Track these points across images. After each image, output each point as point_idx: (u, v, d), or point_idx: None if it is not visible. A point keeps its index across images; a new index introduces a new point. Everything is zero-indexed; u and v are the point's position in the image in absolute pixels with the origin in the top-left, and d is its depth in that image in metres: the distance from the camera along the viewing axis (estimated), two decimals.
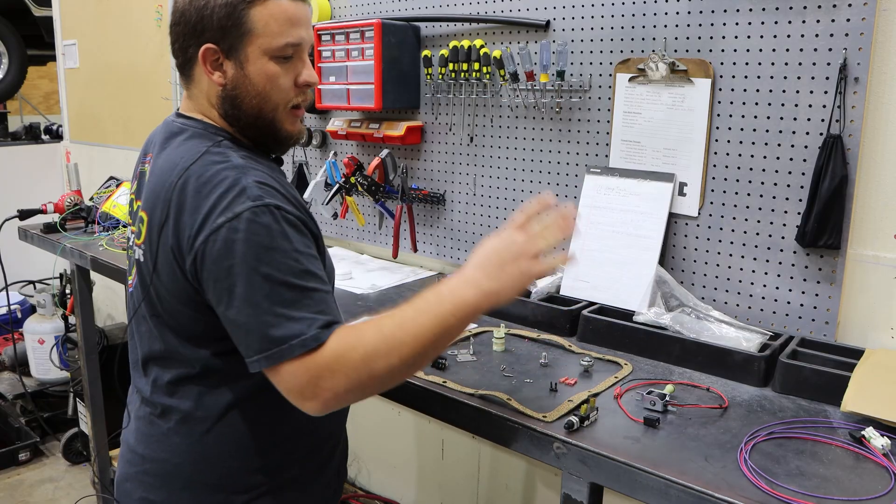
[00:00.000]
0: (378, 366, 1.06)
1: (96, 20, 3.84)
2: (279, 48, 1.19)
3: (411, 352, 1.07)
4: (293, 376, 1.06)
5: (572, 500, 1.20)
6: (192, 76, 1.25)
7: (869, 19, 1.43)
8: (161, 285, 1.19)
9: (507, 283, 1.11)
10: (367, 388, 1.08)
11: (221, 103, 1.23)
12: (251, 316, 1.07)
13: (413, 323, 1.08)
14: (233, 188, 1.10)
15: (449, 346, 1.13)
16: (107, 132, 3.94)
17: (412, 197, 2.28)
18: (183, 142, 1.21)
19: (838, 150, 1.47)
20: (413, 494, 2.73)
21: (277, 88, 1.22)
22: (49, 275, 3.85)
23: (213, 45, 1.18)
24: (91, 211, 2.82)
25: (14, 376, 3.94)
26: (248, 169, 1.14)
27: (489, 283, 1.11)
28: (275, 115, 1.24)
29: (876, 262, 1.49)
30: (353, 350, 1.06)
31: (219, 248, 1.08)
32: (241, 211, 1.08)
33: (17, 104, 7.03)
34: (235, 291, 1.07)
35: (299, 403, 1.08)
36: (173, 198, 1.14)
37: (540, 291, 1.82)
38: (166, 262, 1.16)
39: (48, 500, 3.25)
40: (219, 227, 1.08)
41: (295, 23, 1.20)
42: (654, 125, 1.76)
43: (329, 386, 1.05)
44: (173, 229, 1.14)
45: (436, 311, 1.09)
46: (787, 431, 1.22)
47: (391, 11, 2.32)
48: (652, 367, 1.51)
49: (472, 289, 1.11)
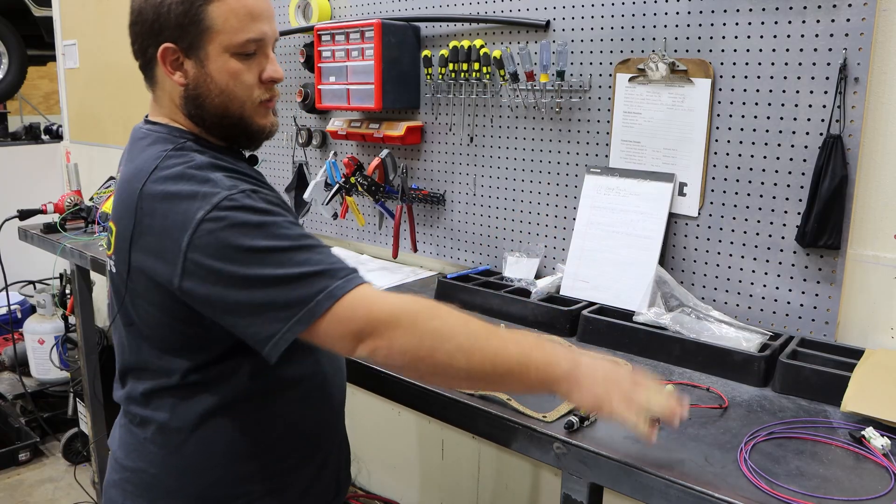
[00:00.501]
0: (444, 348, 1.02)
1: (96, 20, 3.84)
2: (240, 44, 1.15)
3: (479, 364, 1.03)
4: (350, 318, 1.01)
5: (572, 500, 1.20)
6: (154, 78, 1.21)
7: (869, 19, 1.43)
8: (136, 296, 1.16)
9: (594, 389, 1.04)
10: (419, 361, 1.03)
11: (185, 104, 1.19)
12: (270, 292, 1.02)
13: (501, 342, 1.04)
14: (202, 184, 1.07)
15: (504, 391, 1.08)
16: (107, 132, 3.94)
17: (412, 197, 2.28)
18: (145, 147, 1.18)
19: (838, 150, 1.47)
20: (413, 494, 2.73)
21: (241, 85, 1.18)
22: (49, 275, 3.86)
23: (171, 44, 1.14)
24: (91, 211, 2.83)
25: (14, 376, 3.94)
26: (213, 167, 1.12)
27: (586, 376, 1.04)
28: (242, 112, 1.20)
29: (876, 262, 1.49)
30: (430, 317, 1.03)
31: (208, 242, 1.04)
32: (218, 200, 1.05)
33: (17, 104, 7.03)
34: (243, 278, 1.03)
35: (351, 347, 1.03)
36: (141, 205, 1.10)
37: (540, 291, 1.82)
38: (140, 272, 1.13)
39: (48, 500, 3.25)
40: (200, 221, 1.04)
41: (256, 17, 1.16)
42: (654, 125, 1.76)
43: (389, 334, 1.02)
44: (146, 238, 1.10)
45: (528, 351, 1.05)
46: (787, 431, 1.22)
47: (391, 11, 2.32)
48: (652, 367, 1.51)
49: (568, 365, 1.05)
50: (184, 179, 1.09)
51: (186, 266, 1.05)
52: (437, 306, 1.07)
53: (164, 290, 1.10)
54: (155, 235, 1.09)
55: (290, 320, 1.03)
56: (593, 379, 1.05)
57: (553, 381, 1.05)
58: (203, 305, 1.08)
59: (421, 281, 2.19)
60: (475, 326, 1.05)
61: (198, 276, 1.05)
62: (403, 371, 1.09)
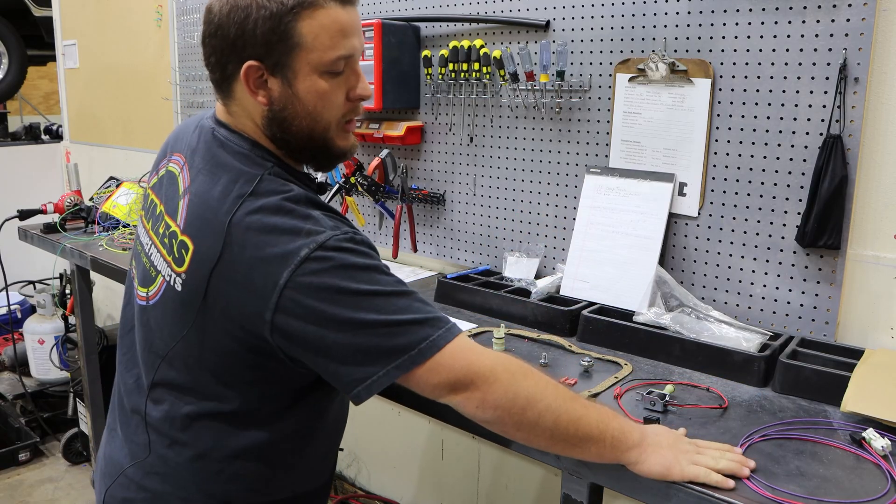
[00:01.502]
0: (535, 408, 1.04)
1: (96, 20, 3.84)
2: (330, 62, 1.09)
3: (564, 426, 1.05)
4: (449, 368, 1.03)
5: (572, 500, 1.20)
6: (232, 94, 1.13)
7: (869, 19, 1.43)
8: (211, 323, 1.09)
9: (661, 459, 1.07)
10: (508, 417, 1.05)
11: (268, 125, 1.12)
12: (370, 336, 1.02)
13: (584, 409, 1.07)
14: (305, 220, 1.04)
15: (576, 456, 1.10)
16: (107, 132, 3.94)
17: (412, 197, 2.28)
18: (228, 161, 1.12)
19: (838, 150, 1.47)
20: (413, 494, 2.73)
21: (329, 106, 1.12)
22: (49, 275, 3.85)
23: (256, 61, 1.07)
24: (91, 211, 2.82)
25: (14, 376, 3.94)
26: (310, 201, 1.08)
27: (652, 446, 1.08)
28: (326, 134, 1.14)
29: (876, 262, 1.49)
30: (524, 377, 1.05)
31: (311, 282, 1.01)
32: (325, 240, 1.02)
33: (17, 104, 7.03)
34: (343, 320, 1.01)
35: (446, 395, 1.05)
36: (231, 231, 1.04)
37: (540, 291, 1.82)
38: (218, 300, 1.07)
39: (48, 500, 3.25)
40: (303, 259, 1.01)
41: (347, 33, 1.10)
42: (654, 125, 1.75)
43: (485, 388, 1.03)
44: (234, 268, 1.05)
45: (606, 420, 1.07)
46: (786, 432, 1.22)
47: (391, 11, 2.32)
48: (652, 367, 1.51)
49: (639, 436, 1.08)
50: (282, 212, 1.05)
51: (282, 302, 1.02)
52: (530, 367, 1.09)
53: (242, 322, 1.06)
54: (245, 266, 1.04)
55: (389, 365, 1.02)
56: (660, 446, 1.08)
57: (625, 450, 1.07)
58: (294, 343, 1.05)
59: (421, 281, 2.19)
60: (563, 391, 1.08)
61: (294, 313, 1.02)
62: (490, 424, 1.08)
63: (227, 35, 1.07)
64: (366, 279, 1.03)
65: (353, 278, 1.02)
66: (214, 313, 1.09)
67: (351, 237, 1.06)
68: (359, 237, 1.08)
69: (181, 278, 1.11)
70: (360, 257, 1.05)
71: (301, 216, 1.05)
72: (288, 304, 1.01)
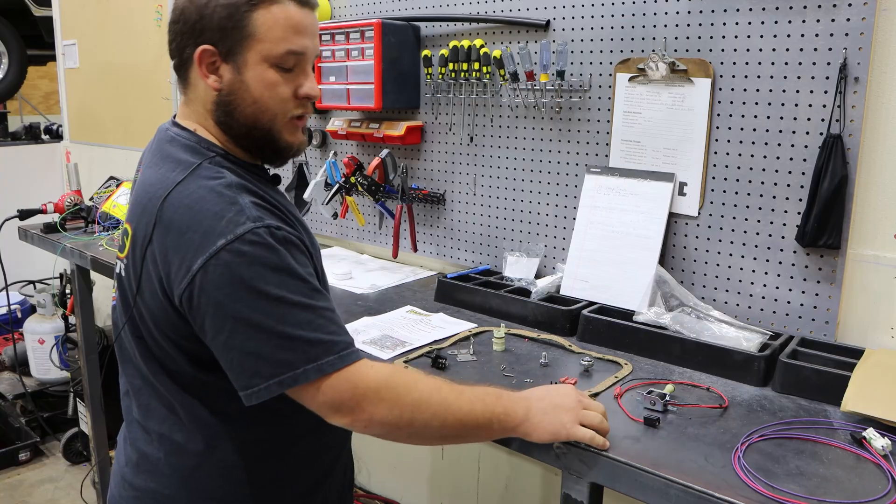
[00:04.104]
0: (421, 417, 1.08)
1: (96, 20, 3.84)
2: (280, 56, 1.13)
3: (451, 425, 1.10)
4: (334, 390, 1.04)
5: (572, 500, 1.20)
6: (188, 79, 1.18)
7: (869, 19, 1.43)
8: (144, 307, 1.13)
9: (547, 426, 1.14)
10: (398, 430, 1.08)
11: (215, 109, 1.16)
12: (262, 342, 1.03)
13: (469, 403, 1.11)
14: (229, 208, 1.05)
15: (469, 443, 1.19)
16: (107, 132, 3.94)
17: (412, 197, 2.28)
18: (172, 154, 1.16)
19: (838, 150, 1.47)
20: (413, 494, 2.73)
21: (275, 98, 1.15)
22: (49, 275, 3.86)
23: (210, 46, 1.12)
24: (91, 211, 2.82)
25: (14, 376, 3.95)
26: (242, 188, 1.09)
27: (537, 413, 1.15)
28: (272, 126, 1.17)
29: (876, 262, 1.49)
30: (408, 393, 1.07)
31: (221, 273, 1.02)
32: (242, 233, 1.03)
33: (17, 104, 7.03)
34: (242, 317, 1.02)
35: (331, 416, 1.06)
36: (160, 214, 1.08)
37: (540, 291, 1.82)
38: (149, 283, 1.10)
39: (48, 500, 3.25)
40: (219, 249, 1.02)
41: (300, 31, 1.14)
42: (654, 125, 1.76)
43: (370, 409, 1.05)
44: (160, 250, 1.08)
45: (491, 407, 1.12)
46: (786, 431, 1.22)
47: (391, 11, 2.32)
48: (652, 366, 1.51)
49: (522, 410, 1.15)
50: (209, 198, 1.06)
51: (191, 288, 1.04)
52: (416, 377, 1.12)
53: (170, 306, 1.09)
54: (167, 248, 1.07)
55: (272, 379, 1.03)
56: (545, 413, 1.15)
57: (513, 428, 1.15)
58: (200, 330, 1.07)
59: (421, 281, 2.19)
60: (447, 392, 1.11)
61: (200, 301, 1.04)
62: (380, 437, 1.12)
63: (189, 19, 1.13)
64: (275, 282, 1.03)
65: (262, 278, 1.03)
66: (147, 298, 1.12)
67: (272, 232, 1.06)
68: (280, 233, 1.07)
69: (123, 263, 1.18)
70: (275, 255, 1.05)
71: (227, 201, 1.06)
72: (196, 290, 1.04)
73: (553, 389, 1.20)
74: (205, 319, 1.05)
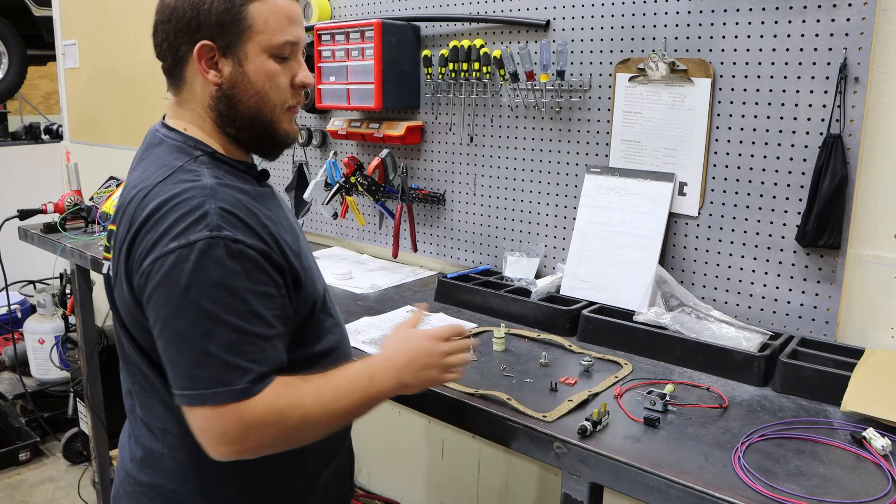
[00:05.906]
0: (309, 432, 1.10)
1: (96, 20, 3.84)
2: (279, 46, 1.15)
3: (336, 422, 1.14)
4: (219, 420, 1.02)
5: (572, 500, 1.20)
6: (183, 78, 1.18)
7: (869, 19, 1.43)
8: (122, 303, 1.15)
9: (419, 384, 1.22)
10: (288, 445, 1.10)
11: (216, 104, 1.17)
12: (183, 351, 1.03)
13: (347, 399, 1.13)
14: (193, 212, 1.04)
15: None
16: (107, 132, 3.94)
17: (412, 197, 2.28)
18: (159, 155, 1.16)
19: (838, 150, 1.47)
20: (413, 494, 2.73)
21: (276, 87, 1.17)
22: (49, 275, 3.86)
23: (209, 41, 1.13)
24: (91, 211, 2.83)
25: (14, 376, 3.95)
26: (216, 191, 1.08)
27: (408, 378, 1.20)
28: (272, 115, 1.19)
29: (876, 262, 1.49)
30: (293, 412, 1.06)
31: (164, 274, 1.03)
32: (196, 240, 1.02)
33: (17, 104, 7.04)
34: (171, 322, 1.03)
35: (212, 446, 1.04)
36: (135, 213, 1.09)
37: (540, 291, 1.82)
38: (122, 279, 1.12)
39: (48, 500, 3.25)
40: (169, 251, 1.03)
41: (293, 21, 1.18)
42: (654, 125, 1.76)
43: (257, 438, 1.04)
44: (128, 246, 1.09)
45: (366, 391, 1.15)
46: (786, 431, 1.22)
47: (391, 11, 2.32)
48: (652, 366, 1.51)
49: (394, 382, 1.19)
50: (179, 199, 1.06)
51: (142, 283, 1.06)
52: (298, 391, 1.08)
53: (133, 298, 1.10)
54: (137, 242, 1.08)
55: (186, 391, 1.03)
56: (414, 378, 1.21)
57: (385, 398, 1.20)
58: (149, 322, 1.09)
59: (421, 281, 2.19)
60: (326, 396, 1.11)
61: (146, 298, 1.06)
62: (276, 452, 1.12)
63: (182, 17, 1.14)
64: (211, 296, 1.02)
65: (199, 290, 1.02)
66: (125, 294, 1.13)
67: (226, 245, 1.04)
68: (237, 247, 1.05)
69: (109, 263, 1.20)
70: (219, 270, 1.03)
71: (193, 206, 1.05)
72: (142, 287, 1.06)
73: (414, 349, 1.22)
74: (148, 313, 1.07)
